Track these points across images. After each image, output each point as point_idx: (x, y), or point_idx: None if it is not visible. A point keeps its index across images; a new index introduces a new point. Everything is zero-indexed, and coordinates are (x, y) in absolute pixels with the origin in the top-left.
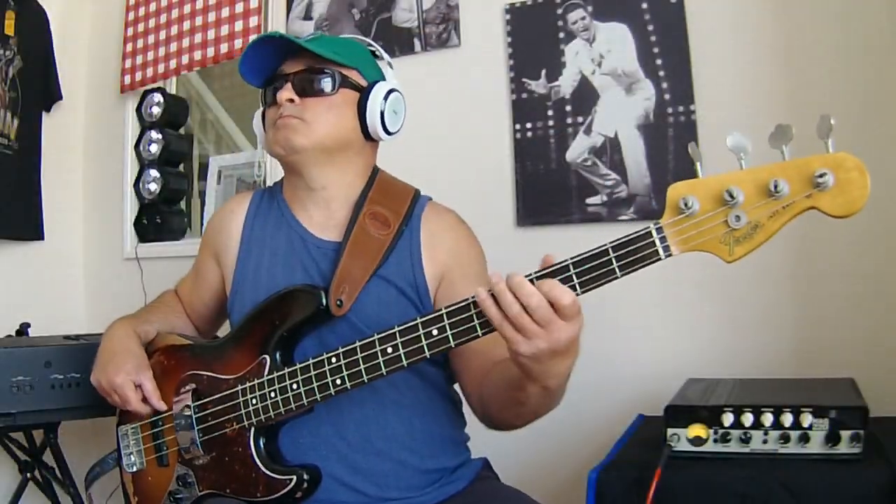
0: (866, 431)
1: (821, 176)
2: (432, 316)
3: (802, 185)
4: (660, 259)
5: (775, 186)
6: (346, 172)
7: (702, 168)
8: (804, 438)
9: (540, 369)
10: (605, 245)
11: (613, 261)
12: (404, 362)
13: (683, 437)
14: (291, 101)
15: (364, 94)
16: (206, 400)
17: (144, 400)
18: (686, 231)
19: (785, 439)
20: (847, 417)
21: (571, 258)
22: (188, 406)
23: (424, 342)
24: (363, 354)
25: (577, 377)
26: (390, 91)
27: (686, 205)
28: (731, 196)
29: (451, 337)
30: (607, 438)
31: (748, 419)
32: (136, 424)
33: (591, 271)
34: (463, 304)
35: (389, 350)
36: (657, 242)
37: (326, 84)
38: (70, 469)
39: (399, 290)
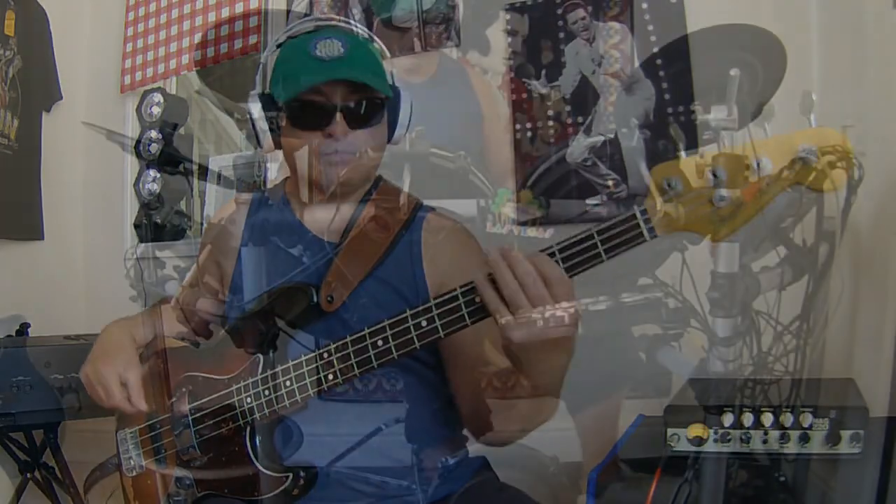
0: (866, 431)
1: (804, 152)
2: (421, 308)
3: (785, 161)
4: (644, 240)
5: (758, 164)
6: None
7: (685, 151)
8: (804, 438)
9: (532, 361)
10: (590, 230)
11: (599, 244)
12: (394, 354)
13: (683, 437)
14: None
15: (392, 109)
16: (202, 401)
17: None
18: (670, 212)
19: (785, 439)
20: (847, 417)
21: (556, 244)
22: (184, 408)
23: (414, 333)
24: (354, 348)
25: (577, 377)
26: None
27: (670, 185)
28: (715, 175)
29: (440, 327)
30: (607, 438)
31: (748, 419)
32: (135, 429)
33: (577, 255)
34: (451, 294)
35: (380, 343)
36: (641, 224)
37: (377, 117)
38: (70, 469)
39: (398, 293)
